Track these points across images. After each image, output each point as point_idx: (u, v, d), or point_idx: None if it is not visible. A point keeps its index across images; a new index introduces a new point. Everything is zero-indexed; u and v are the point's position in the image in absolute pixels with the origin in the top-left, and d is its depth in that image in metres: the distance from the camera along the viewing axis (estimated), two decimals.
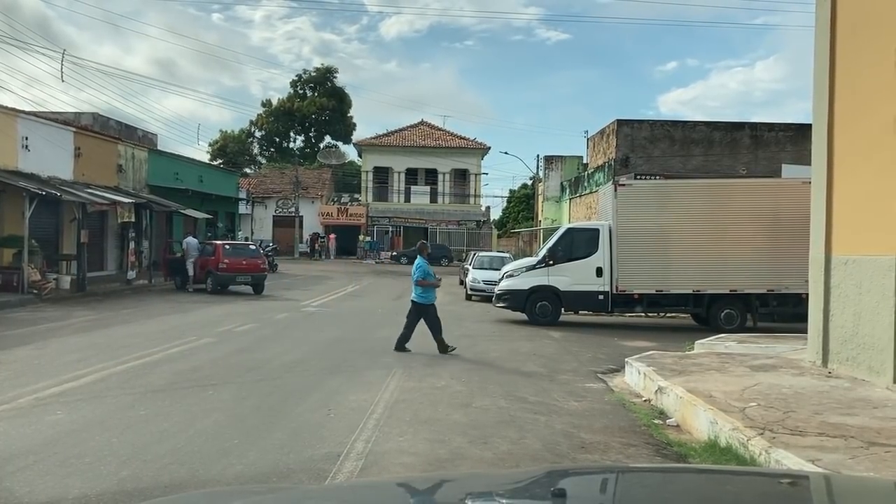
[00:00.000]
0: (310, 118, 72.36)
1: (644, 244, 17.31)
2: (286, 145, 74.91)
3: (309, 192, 55.32)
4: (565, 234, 18.37)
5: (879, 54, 8.89)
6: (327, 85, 73.13)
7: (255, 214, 52.97)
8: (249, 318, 17.03)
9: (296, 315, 18.53)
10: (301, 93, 73.65)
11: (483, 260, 27.48)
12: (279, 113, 72.26)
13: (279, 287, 27.01)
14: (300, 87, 73.70)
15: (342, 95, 72.99)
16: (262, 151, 76.14)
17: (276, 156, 72.25)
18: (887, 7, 8.90)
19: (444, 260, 49.04)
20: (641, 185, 19.68)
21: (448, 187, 56.84)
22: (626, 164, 27.42)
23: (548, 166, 41.96)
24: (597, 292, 17.52)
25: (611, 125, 29.43)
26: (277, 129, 73.10)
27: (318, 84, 73.21)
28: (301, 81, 73.70)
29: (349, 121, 74.17)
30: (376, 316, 18.97)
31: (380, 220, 54.88)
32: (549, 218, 40.59)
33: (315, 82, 73.34)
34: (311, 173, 59.33)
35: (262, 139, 75.12)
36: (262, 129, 73.48)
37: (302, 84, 73.69)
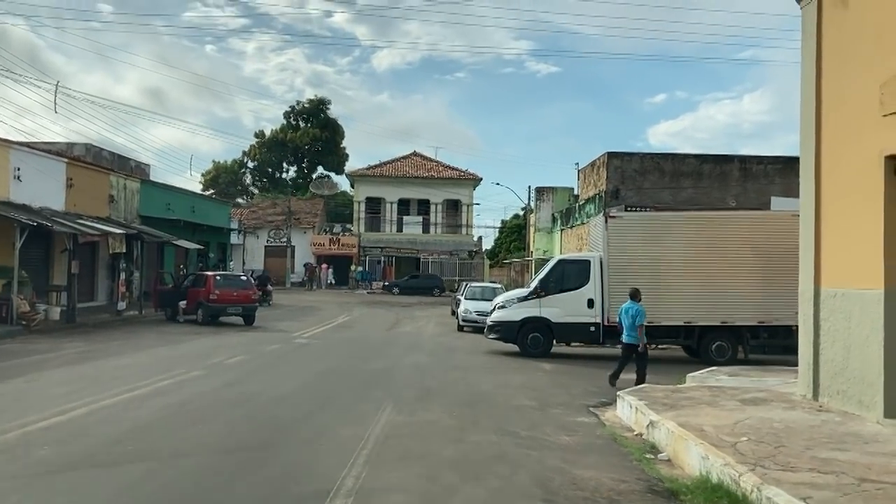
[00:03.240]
0: (302, 149, 72.74)
1: (635, 276, 17.26)
2: (279, 176, 75.13)
3: (301, 222, 55.41)
4: (556, 265, 18.39)
5: (865, 90, 9.03)
6: (320, 116, 73.64)
7: (247, 245, 52.97)
8: (240, 350, 16.93)
9: (287, 347, 18.43)
10: (294, 124, 74.09)
11: (475, 290, 27.44)
12: (272, 143, 72.63)
13: (270, 318, 26.89)
14: (293, 118, 74.22)
15: (335, 126, 73.49)
16: (255, 182, 76.33)
17: (269, 186, 72.45)
18: (871, 44, 9.06)
19: (435, 290, 49.07)
20: (632, 217, 19.76)
21: (440, 218, 57.03)
22: (617, 196, 27.57)
23: (539, 197, 42.17)
24: (588, 324, 17.51)
25: (601, 157, 29.65)
26: (270, 159, 73.42)
27: (311, 115, 73.72)
28: (294, 112, 74.25)
29: (342, 151, 74.58)
30: (368, 348, 18.88)
31: (372, 250, 54.91)
32: (540, 248, 40.69)
33: (308, 113, 73.85)
34: (304, 204, 59.44)
35: (255, 170, 75.36)
36: (255, 159, 73.77)
37: (295, 115, 74.22)
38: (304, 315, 29.49)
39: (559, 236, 38.01)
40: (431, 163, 60.23)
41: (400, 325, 26.70)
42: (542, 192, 41.99)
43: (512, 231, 67.16)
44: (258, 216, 56.72)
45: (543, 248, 40.27)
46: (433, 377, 13.85)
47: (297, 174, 75.46)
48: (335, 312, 31.24)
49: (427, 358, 17.07)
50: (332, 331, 23.50)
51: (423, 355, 17.58)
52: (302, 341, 19.92)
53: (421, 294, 47.70)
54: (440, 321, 29.12)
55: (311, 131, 71.84)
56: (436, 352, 18.54)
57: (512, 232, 67.14)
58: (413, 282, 50.01)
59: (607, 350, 18.97)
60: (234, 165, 74.24)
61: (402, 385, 12.73)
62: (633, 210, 23.99)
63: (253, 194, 72.08)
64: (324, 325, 25.07)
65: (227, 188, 69.95)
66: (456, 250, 55.45)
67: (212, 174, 72.05)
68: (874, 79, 8.84)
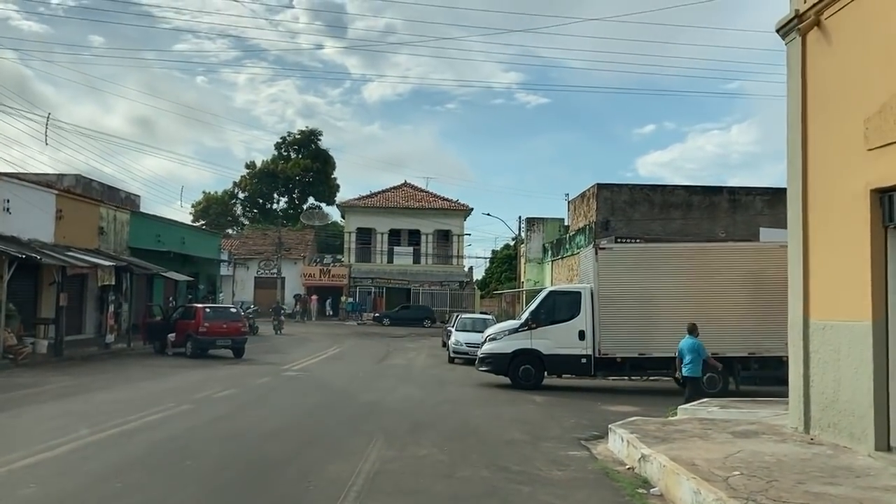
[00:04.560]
0: (293, 179, 72.88)
1: (626, 307, 17.39)
2: (269, 206, 75.16)
3: (291, 253, 55.34)
4: (547, 296, 18.45)
5: (850, 124, 9.17)
6: (311, 147, 73.89)
7: (237, 276, 52.80)
8: (229, 384, 16.83)
9: (276, 380, 18.35)
10: (285, 154, 74.30)
11: (466, 322, 27.45)
12: (263, 174, 72.76)
13: (260, 350, 26.77)
14: (284, 148, 74.43)
15: (326, 157, 73.73)
16: (246, 212, 76.33)
17: (259, 217, 72.42)
18: (857, 80, 9.22)
19: (426, 321, 48.97)
20: (622, 248, 19.86)
21: (431, 248, 57.08)
22: (607, 227, 27.75)
23: (530, 228, 42.33)
24: (580, 356, 17.53)
25: (591, 189, 29.86)
26: (261, 190, 73.48)
27: (302, 146, 73.97)
28: (285, 143, 74.45)
29: (332, 182, 74.77)
30: (358, 380, 18.80)
31: (362, 281, 54.84)
32: (531, 279, 40.76)
33: (299, 144, 74.09)
34: (294, 234, 59.42)
35: (246, 200, 75.36)
36: (246, 190, 73.79)
37: (286, 146, 74.44)
38: (294, 347, 29.35)
39: (550, 267, 38.11)
40: (422, 193, 60.44)
41: (390, 357, 26.62)
42: (533, 223, 42.17)
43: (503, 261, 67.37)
44: (248, 247, 56.61)
45: (534, 279, 40.34)
46: (424, 410, 13.80)
47: (287, 205, 75.53)
48: (325, 344, 31.13)
49: (418, 390, 17.02)
50: (322, 363, 23.41)
51: (413, 388, 17.52)
52: (291, 374, 19.83)
53: (411, 325, 47.59)
54: (431, 353, 29.02)
55: (302, 162, 72.08)
56: (427, 384, 18.48)
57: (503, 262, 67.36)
58: (404, 313, 49.91)
59: (599, 382, 18.97)
60: (224, 196, 74.28)
61: (392, 418, 12.67)
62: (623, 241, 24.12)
63: (243, 225, 71.96)
64: (314, 358, 24.97)
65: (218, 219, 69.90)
66: (447, 281, 55.44)
67: (202, 205, 72.03)
68: (859, 113, 8.99)
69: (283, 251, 53.43)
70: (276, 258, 52.81)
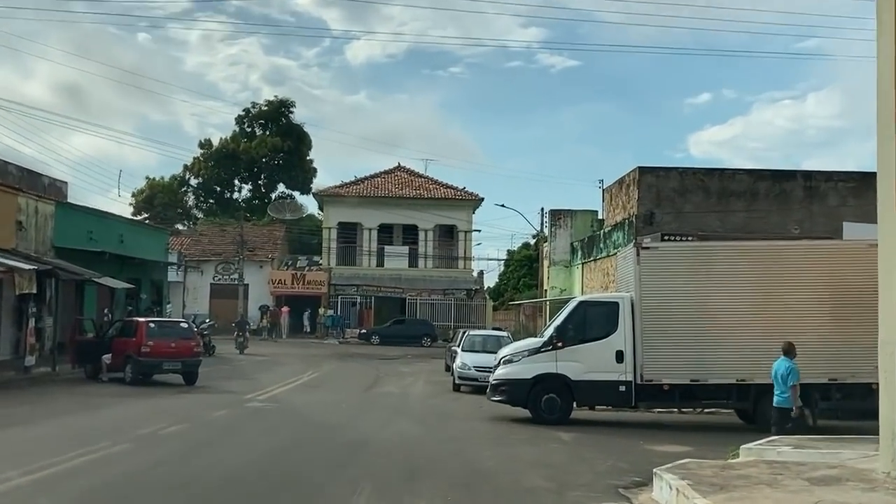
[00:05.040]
0: (259, 162, 73.02)
1: (675, 322, 17.38)
2: (229, 196, 75.27)
3: (257, 254, 55.41)
4: (577, 308, 18.48)
5: None
6: (281, 121, 74.06)
7: (189, 282, 52.82)
8: (179, 418, 16.83)
9: (238, 412, 18.35)
10: (248, 131, 74.43)
11: (475, 340, 27.48)
12: (221, 156, 72.83)
13: (218, 375, 26.80)
14: (247, 123, 74.59)
15: (300, 134, 73.87)
16: (199, 203, 76.42)
17: (217, 209, 72.51)
18: None
19: (425, 339, 49.05)
20: (670, 247, 19.87)
21: (431, 248, 57.11)
22: (651, 222, 27.70)
23: (555, 223, 42.29)
24: (617, 382, 17.52)
25: (631, 173, 29.86)
26: (218, 175, 73.56)
27: (270, 120, 74.11)
28: (248, 117, 74.65)
29: (308, 165, 74.92)
30: (341, 413, 18.81)
31: (345, 288, 54.89)
32: (556, 287, 40.76)
33: (266, 118, 74.24)
34: (260, 231, 59.49)
35: (200, 188, 75.51)
36: (200, 175, 73.88)
37: (249, 120, 74.61)
38: (260, 371, 29.36)
39: (580, 271, 38.11)
40: (420, 179, 60.46)
41: (381, 384, 26.66)
42: (559, 217, 42.13)
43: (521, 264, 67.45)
44: (203, 247, 56.70)
45: (560, 287, 40.35)
46: (423, 451, 13.81)
47: (251, 194, 75.61)
48: (299, 368, 31.16)
49: (415, 426, 17.04)
50: (295, 391, 23.45)
51: (410, 422, 17.54)
52: (257, 405, 19.84)
53: (407, 344, 47.54)
54: (431, 378, 29.03)
55: (270, 140, 72.17)
56: (426, 418, 18.51)
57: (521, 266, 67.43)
58: (397, 328, 50.00)
59: (640, 415, 18.96)
60: (172, 183, 74.35)
61: (383, 462, 12.67)
62: (671, 239, 24.07)
63: (197, 219, 72.08)
64: (285, 384, 25.00)
65: (165, 211, 69.94)
66: (451, 289, 55.47)
67: (145, 194, 72.10)
68: None
69: (247, 251, 53.49)
70: (237, 260, 52.85)
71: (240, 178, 75.28)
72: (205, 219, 69.71)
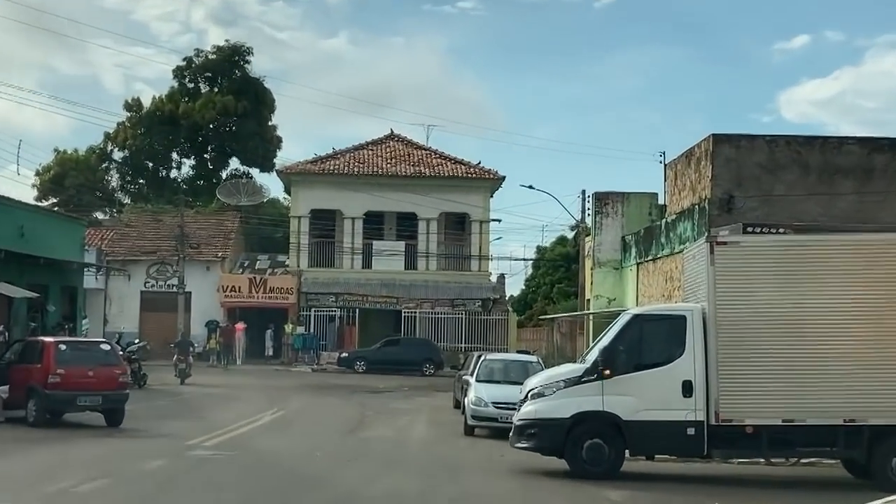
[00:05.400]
0: (205, 129, 73.26)
1: (762, 342, 17.29)
2: (165, 174, 75.40)
3: (202, 252, 55.39)
4: (630, 324, 18.38)
5: None
6: (234, 75, 74.29)
7: (113, 290, 52.81)
8: (98, 471, 16.79)
9: (178, 464, 18.29)
10: (190, 88, 74.75)
11: (493, 367, 27.44)
12: (154, 121, 72.87)
13: (151, 414, 26.84)
14: (189, 77, 74.91)
15: (259, 92, 74.07)
16: (126, 185, 76.52)
17: (149, 192, 72.56)
18: None
19: (427, 365, 49.09)
20: (755, 243, 19.76)
21: (435, 244, 57.07)
22: (730, 209, 27.53)
23: (601, 210, 42.06)
24: (683, 423, 17.39)
25: (703, 144, 29.68)
26: (151, 147, 73.60)
27: (220, 73, 74.45)
28: (191, 69, 74.83)
29: (270, 134, 75.20)
30: (315, 464, 18.79)
31: (321, 298, 54.85)
32: (602, 296, 40.60)
33: (214, 70, 74.51)
34: (207, 222, 59.57)
35: (126, 164, 75.63)
36: (126, 147, 73.95)
37: (192, 73, 74.88)
38: (208, 408, 29.44)
39: (634, 275, 37.99)
40: (420, 152, 60.49)
41: (368, 426, 26.71)
42: (606, 202, 41.93)
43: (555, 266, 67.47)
44: (131, 242, 56.83)
45: (607, 296, 40.19)
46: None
47: (195, 171, 75.82)
48: (260, 404, 31.18)
49: (414, 482, 16.98)
50: (254, 435, 23.41)
51: (407, 477, 17.50)
52: (203, 454, 19.77)
53: (403, 372, 47.53)
54: (436, 418, 29.10)
55: (220, 100, 72.14)
56: (429, 471, 18.42)
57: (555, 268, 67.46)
58: (390, 351, 49.94)
59: (717, 466, 18.81)
60: (90, 157, 74.48)
61: None
62: (756, 231, 23.92)
63: (122, 205, 71.92)
64: (240, 426, 24.94)
65: (80, 195, 69.93)
66: (462, 299, 55.46)
67: (53, 172, 72.18)
68: None
69: (189, 249, 53.40)
70: (176, 261, 52.77)
71: (179, 150, 75.57)
72: (133, 205, 69.60)
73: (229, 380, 41.46)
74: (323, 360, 51.61)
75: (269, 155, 73.45)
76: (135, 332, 48.33)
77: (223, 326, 52.43)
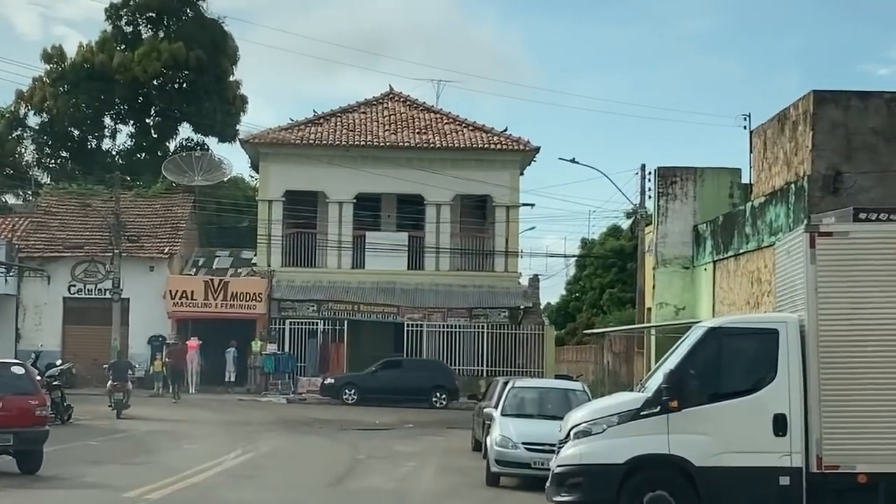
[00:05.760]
0: (147, 87, 73.34)
1: (879, 363, 17.34)
2: (95, 145, 75.43)
3: (144, 246, 55.45)
4: (705, 340, 18.38)
5: None
6: (185, 15, 74.42)
7: (27, 296, 52.99)
8: None
9: None
10: (128, 32, 74.81)
11: (524, 397, 27.58)
12: (81, 76, 72.97)
13: (77, 457, 26.95)
14: (126, 20, 75.01)
15: (217, 38, 74.31)
16: (44, 159, 76.58)
17: (75, 168, 72.56)
18: None
19: (438, 394, 49.00)
20: (870, 233, 19.62)
21: (448, 236, 57.09)
22: (836, 188, 27.59)
23: (666, 191, 42.07)
24: (775, 470, 17.40)
25: (801, 104, 29.75)
26: (77, 110, 73.62)
27: (165, 13, 74.52)
28: (129, 7, 74.89)
29: (232, 92, 75.40)
30: None
31: (298, 307, 54.97)
32: (668, 304, 40.67)
33: (158, 10, 74.49)
34: (150, 207, 59.57)
35: (44, 132, 75.61)
36: (44, 110, 74.02)
37: (129, 14, 74.95)
38: (153, 450, 29.56)
39: (709, 275, 38.01)
40: (428, 115, 60.56)
41: (360, 475, 26.72)
42: (673, 181, 41.95)
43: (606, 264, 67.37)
44: (51, 234, 56.82)
45: (675, 303, 40.25)
46: None
47: (134, 142, 75.84)
48: (220, 444, 31.32)
49: None
50: (213, 486, 23.44)
51: None
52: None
53: (406, 403, 47.69)
54: (448, 463, 29.14)
55: (167, 48, 72.19)
56: None
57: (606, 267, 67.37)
58: (389, 376, 50.04)
59: None
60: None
61: None
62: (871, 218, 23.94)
63: (39, 186, 72.09)
64: (195, 474, 24.98)
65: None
66: (483, 307, 55.55)
67: None
68: None
69: (127, 243, 53.50)
70: (110, 258, 52.85)
71: (114, 114, 75.68)
72: (54, 186, 69.51)
73: (180, 413, 41.54)
74: (301, 388, 51.75)
75: (231, 120, 73.85)
76: (57, 351, 48.61)
77: (172, 344, 52.34)
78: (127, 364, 41.58)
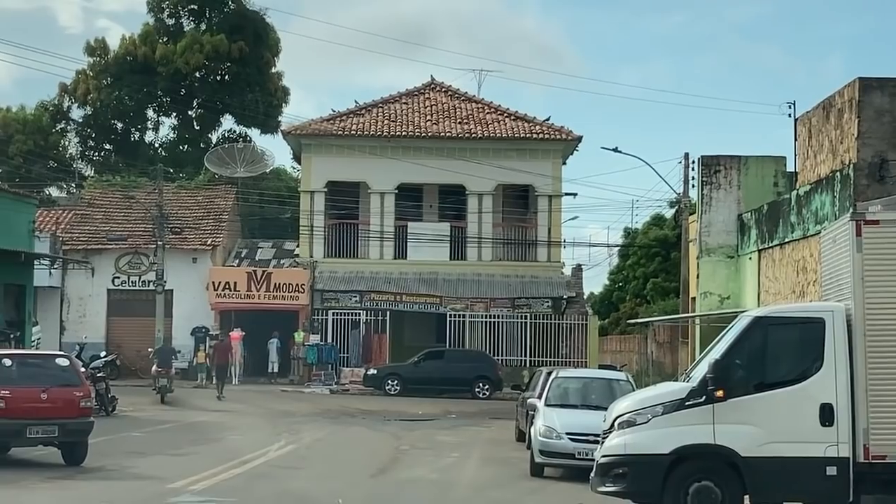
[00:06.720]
0: (189, 79, 73.46)
1: None
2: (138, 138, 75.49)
3: (187, 239, 55.46)
4: (750, 330, 18.28)
5: None
6: (227, 8, 74.55)
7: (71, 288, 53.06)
8: None
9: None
10: (171, 25, 74.97)
11: (568, 387, 27.55)
12: (124, 69, 73.22)
13: (121, 448, 27.01)
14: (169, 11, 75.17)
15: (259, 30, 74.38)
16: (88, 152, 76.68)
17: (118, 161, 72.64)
18: None
19: (481, 385, 49.01)
20: None
21: (490, 226, 56.91)
22: (883, 176, 27.38)
23: (709, 180, 41.84)
24: (822, 460, 17.29)
25: (847, 91, 29.53)
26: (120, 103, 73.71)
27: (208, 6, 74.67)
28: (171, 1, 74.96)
29: (275, 84, 75.40)
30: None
31: (341, 297, 54.95)
32: (713, 293, 40.45)
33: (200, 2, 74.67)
34: (193, 199, 59.60)
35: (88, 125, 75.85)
36: (88, 103, 74.25)
37: (173, 6, 75.09)
38: (196, 440, 29.65)
39: (755, 265, 37.79)
40: (470, 105, 60.41)
41: (403, 464, 26.78)
42: (717, 169, 41.71)
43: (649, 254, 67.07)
44: (94, 226, 56.93)
45: (720, 292, 40.04)
46: None
47: (176, 134, 75.85)
48: (263, 435, 31.40)
49: None
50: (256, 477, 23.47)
51: None
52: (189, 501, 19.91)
53: (449, 394, 47.72)
54: (492, 454, 29.14)
55: (209, 41, 72.38)
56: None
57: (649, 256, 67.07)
58: (432, 367, 50.13)
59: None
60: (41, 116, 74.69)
61: None
62: None
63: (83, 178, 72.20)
64: (239, 465, 25.09)
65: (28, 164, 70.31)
66: (526, 297, 55.47)
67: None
68: None
69: (171, 235, 53.50)
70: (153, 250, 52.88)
71: (157, 106, 75.76)
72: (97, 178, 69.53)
73: (223, 404, 41.70)
74: (344, 379, 51.76)
75: (273, 112, 73.84)
76: (101, 343, 48.64)
77: (215, 340, 51.96)
78: (171, 350, 41.85)
